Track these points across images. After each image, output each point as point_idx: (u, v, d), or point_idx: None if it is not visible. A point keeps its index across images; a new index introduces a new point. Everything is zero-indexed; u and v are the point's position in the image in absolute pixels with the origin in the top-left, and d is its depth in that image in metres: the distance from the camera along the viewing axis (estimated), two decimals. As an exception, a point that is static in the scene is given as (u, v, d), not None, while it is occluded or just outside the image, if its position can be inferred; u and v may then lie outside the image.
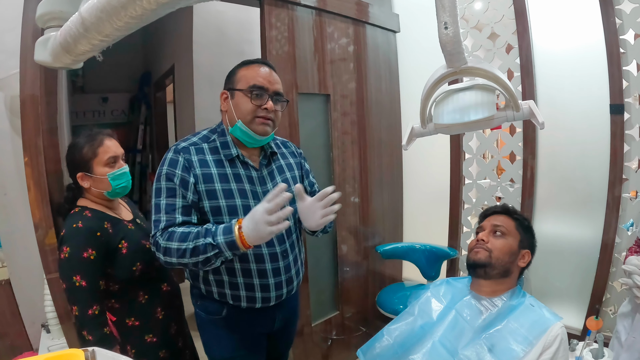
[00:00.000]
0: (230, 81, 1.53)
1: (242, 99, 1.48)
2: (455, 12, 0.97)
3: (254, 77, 1.48)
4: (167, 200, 1.41)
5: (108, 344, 1.50)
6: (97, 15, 1.04)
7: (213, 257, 1.30)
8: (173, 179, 1.42)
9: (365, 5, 2.77)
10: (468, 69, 1.13)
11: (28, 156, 1.82)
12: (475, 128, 1.41)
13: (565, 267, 2.35)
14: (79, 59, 1.34)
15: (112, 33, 1.11)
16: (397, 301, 2.66)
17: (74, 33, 1.15)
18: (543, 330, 1.31)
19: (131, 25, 1.06)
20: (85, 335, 1.49)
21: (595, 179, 2.21)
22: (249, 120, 1.48)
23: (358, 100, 2.77)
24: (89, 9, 1.06)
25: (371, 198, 2.89)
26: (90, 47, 1.20)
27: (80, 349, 0.92)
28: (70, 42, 1.20)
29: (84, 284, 1.48)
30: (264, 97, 1.48)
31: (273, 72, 1.54)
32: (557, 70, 2.32)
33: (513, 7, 2.39)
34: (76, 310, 1.49)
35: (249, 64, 1.54)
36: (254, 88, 1.47)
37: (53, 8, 1.33)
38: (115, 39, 1.18)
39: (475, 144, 2.70)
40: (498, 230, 1.50)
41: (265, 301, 1.55)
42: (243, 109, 1.48)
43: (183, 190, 1.41)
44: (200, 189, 1.44)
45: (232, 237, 1.27)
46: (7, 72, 2.13)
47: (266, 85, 1.49)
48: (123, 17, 1.01)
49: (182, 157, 1.45)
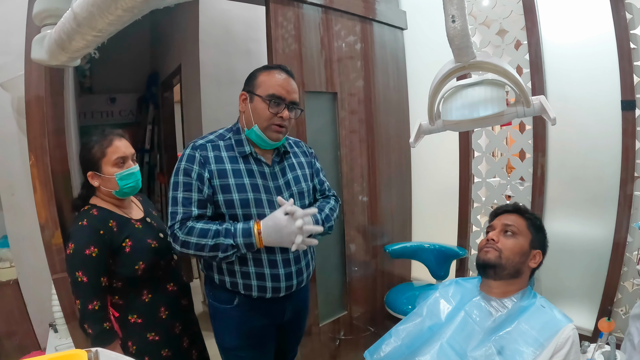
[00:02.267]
0: (250, 84, 1.61)
1: (261, 104, 1.56)
2: (463, 4, 0.95)
3: (273, 86, 1.56)
4: (184, 194, 1.51)
5: (108, 339, 1.58)
6: (89, 9, 1.04)
7: (232, 255, 1.48)
8: (190, 173, 1.52)
9: (372, 2, 2.75)
10: (477, 64, 1.12)
11: (34, 157, 1.83)
12: (485, 124, 1.38)
13: (576, 267, 2.31)
14: (75, 55, 1.34)
15: (105, 28, 1.10)
16: (405, 301, 2.64)
17: (68, 29, 1.15)
18: (554, 332, 1.28)
19: (124, 18, 1.06)
20: (86, 328, 1.56)
21: (607, 177, 2.17)
22: (265, 126, 1.57)
23: (366, 98, 2.75)
24: (80, 4, 1.06)
25: (379, 197, 2.87)
26: (84, 44, 1.20)
27: (83, 350, 0.93)
28: (64, 39, 1.20)
29: (85, 280, 1.55)
30: (280, 106, 1.57)
31: (292, 80, 1.62)
32: (567, 66, 2.28)
33: (521, 3, 2.35)
34: (79, 303, 1.56)
35: (270, 69, 1.62)
36: (272, 97, 1.55)
37: (49, 5, 1.34)
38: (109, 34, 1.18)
39: (484, 142, 2.67)
40: (509, 230, 1.47)
41: (276, 291, 1.61)
42: (260, 115, 1.57)
43: (199, 185, 1.52)
44: (215, 183, 1.54)
45: (251, 240, 1.47)
46: (14, 74, 2.14)
47: (284, 95, 1.57)
48: (114, 10, 1.00)
49: (199, 154, 1.55)
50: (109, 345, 1.57)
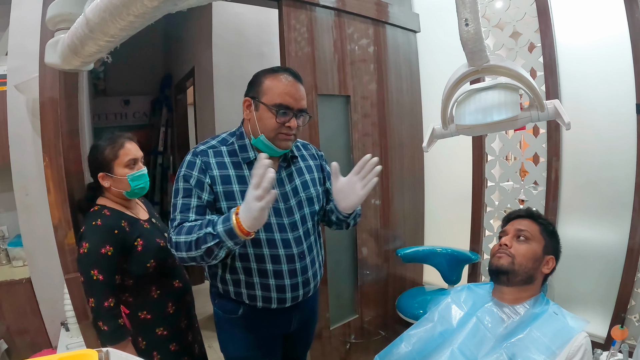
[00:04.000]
0: (254, 90, 1.51)
1: (267, 114, 1.46)
2: (476, 8, 0.94)
3: (280, 95, 1.46)
4: (182, 200, 1.44)
5: (122, 335, 1.62)
6: (101, 15, 1.03)
7: (214, 246, 1.29)
8: (189, 180, 1.45)
9: (385, 5, 2.74)
10: (490, 68, 1.10)
11: (48, 158, 1.85)
12: (499, 129, 1.37)
13: (589, 272, 2.27)
14: (88, 60, 1.34)
15: (117, 33, 1.10)
16: (417, 306, 2.63)
17: (80, 34, 1.15)
18: (567, 340, 1.27)
19: (135, 24, 1.05)
20: (100, 325, 1.58)
21: (622, 182, 2.14)
22: (272, 136, 1.48)
23: (379, 102, 2.74)
24: (92, 9, 1.06)
25: (392, 200, 2.86)
26: (97, 49, 1.20)
27: (94, 350, 0.93)
28: (77, 44, 1.20)
29: (101, 278, 1.59)
30: (288, 115, 1.47)
31: (300, 84, 1.52)
32: (582, 68, 2.25)
33: (535, 5, 2.32)
34: (92, 302, 1.58)
35: (275, 72, 1.51)
36: (280, 107, 1.45)
37: (62, 10, 1.34)
38: (121, 39, 1.17)
39: (498, 146, 2.64)
40: (522, 235, 1.46)
41: (281, 302, 1.56)
42: (267, 125, 1.47)
43: (198, 191, 1.44)
44: (218, 190, 1.46)
45: (229, 225, 1.26)
46: (29, 76, 2.16)
47: (292, 104, 1.47)
48: (126, 16, 1.00)
49: (200, 160, 1.48)
50: (122, 341, 1.61)
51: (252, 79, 1.55)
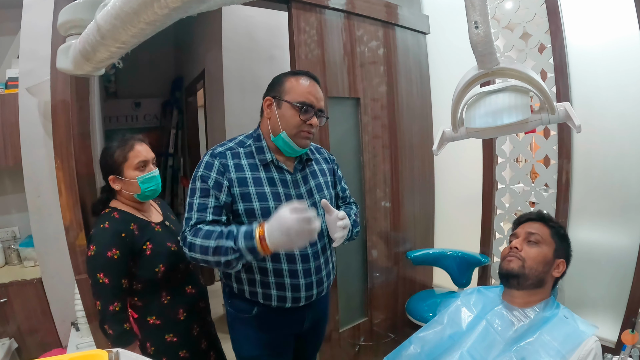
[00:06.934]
0: (276, 89, 1.57)
1: (290, 111, 1.52)
2: (486, 10, 0.94)
3: (303, 94, 1.52)
4: (200, 200, 1.47)
5: (127, 340, 1.60)
6: (112, 22, 1.05)
7: (234, 260, 1.33)
8: (207, 180, 1.48)
9: (395, 7, 2.74)
10: (500, 70, 1.10)
11: (59, 160, 1.86)
12: (509, 132, 1.36)
13: (600, 276, 2.25)
14: (99, 66, 1.36)
15: (128, 40, 1.11)
16: (427, 308, 2.61)
17: (92, 41, 1.17)
18: (577, 344, 1.26)
19: (146, 31, 1.06)
20: (106, 329, 1.58)
21: (633, 184, 2.11)
22: (294, 133, 1.53)
23: (389, 104, 2.74)
24: (104, 16, 1.07)
25: (402, 203, 2.85)
26: (108, 55, 1.21)
27: (104, 350, 0.94)
28: (89, 50, 1.22)
29: (107, 282, 1.57)
30: (310, 113, 1.53)
31: (319, 87, 1.59)
32: (593, 69, 2.22)
33: (545, 5, 2.30)
34: (99, 305, 1.58)
35: (298, 75, 1.58)
36: (303, 104, 1.51)
37: (74, 16, 1.36)
38: (132, 45, 1.19)
39: (508, 148, 2.63)
40: (532, 239, 1.45)
41: (295, 301, 1.58)
42: (290, 122, 1.52)
43: (216, 192, 1.47)
44: (235, 192, 1.50)
45: (252, 244, 1.29)
46: (41, 79, 2.18)
47: (314, 102, 1.53)
48: (137, 23, 1.01)
49: (218, 161, 1.51)
50: (128, 346, 1.59)
51: (272, 80, 1.61)
